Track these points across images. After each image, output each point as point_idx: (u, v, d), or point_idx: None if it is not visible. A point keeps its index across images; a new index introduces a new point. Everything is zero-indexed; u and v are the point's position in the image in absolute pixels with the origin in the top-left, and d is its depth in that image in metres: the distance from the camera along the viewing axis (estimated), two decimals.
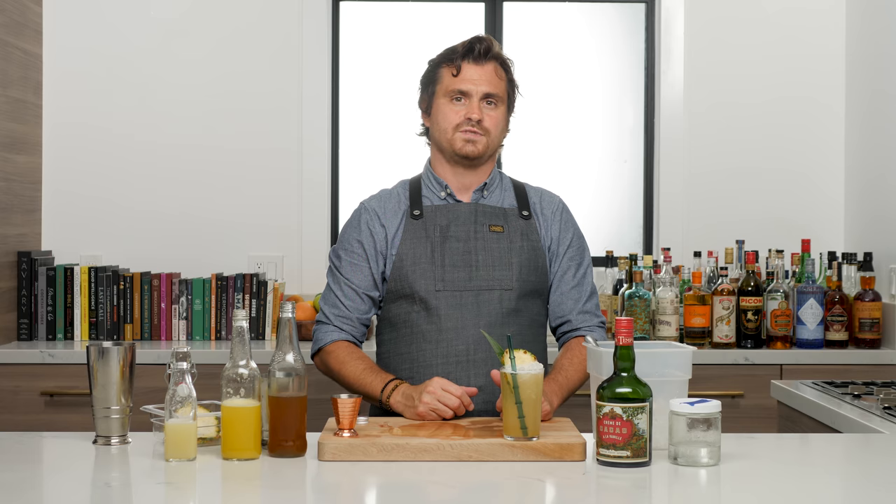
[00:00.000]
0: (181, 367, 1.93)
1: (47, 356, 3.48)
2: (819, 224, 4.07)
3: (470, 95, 2.43)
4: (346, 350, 2.43)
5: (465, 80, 2.43)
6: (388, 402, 2.30)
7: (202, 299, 3.79)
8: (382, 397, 2.31)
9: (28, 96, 3.89)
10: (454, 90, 2.43)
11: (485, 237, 2.44)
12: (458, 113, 2.43)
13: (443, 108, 2.45)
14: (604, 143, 4.26)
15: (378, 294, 2.47)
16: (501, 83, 2.47)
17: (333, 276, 2.49)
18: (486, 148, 2.45)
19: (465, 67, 2.44)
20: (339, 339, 2.45)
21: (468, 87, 2.43)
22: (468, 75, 2.43)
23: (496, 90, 2.44)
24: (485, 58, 2.44)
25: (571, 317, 2.48)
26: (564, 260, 2.50)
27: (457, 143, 2.44)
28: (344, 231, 2.53)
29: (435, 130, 2.49)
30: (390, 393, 2.30)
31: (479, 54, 2.43)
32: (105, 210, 4.05)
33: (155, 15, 4.07)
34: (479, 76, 2.43)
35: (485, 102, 2.44)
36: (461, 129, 2.43)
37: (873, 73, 3.88)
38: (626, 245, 4.17)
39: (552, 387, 2.31)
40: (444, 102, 2.45)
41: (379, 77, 4.19)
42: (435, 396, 2.20)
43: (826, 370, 3.47)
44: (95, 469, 1.93)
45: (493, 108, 2.45)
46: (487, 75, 2.44)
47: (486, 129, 2.44)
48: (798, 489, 1.81)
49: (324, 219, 4.09)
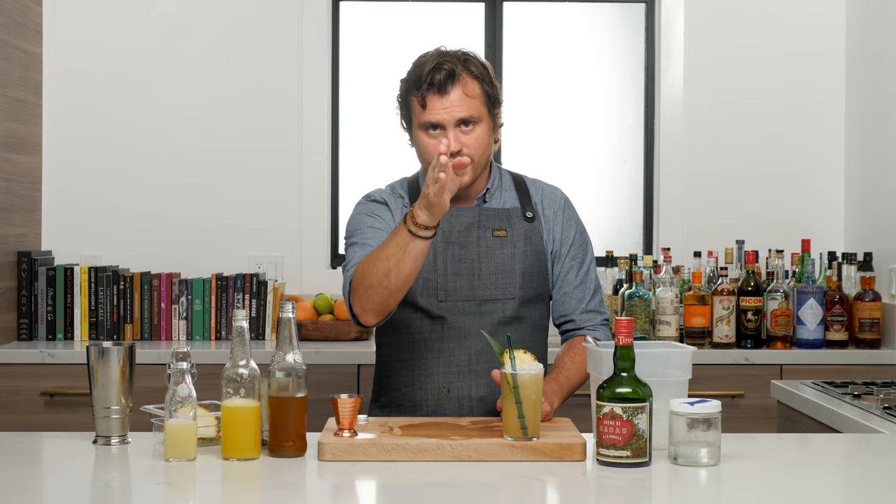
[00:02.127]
0: (181, 367, 1.93)
1: (47, 356, 3.48)
2: (819, 224, 4.07)
3: (444, 124, 2.32)
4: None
5: (434, 112, 2.32)
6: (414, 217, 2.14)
7: (202, 299, 3.79)
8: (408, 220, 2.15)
9: (28, 96, 3.89)
10: (426, 122, 2.33)
11: (488, 243, 2.40)
12: (436, 146, 2.30)
13: (421, 141, 2.36)
14: (604, 143, 4.26)
15: None
16: (474, 101, 2.34)
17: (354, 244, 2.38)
18: (475, 172, 2.36)
19: (430, 99, 2.32)
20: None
21: (439, 117, 2.32)
22: (437, 106, 2.31)
23: (468, 112, 2.32)
24: (450, 84, 2.31)
25: (575, 316, 2.47)
26: (567, 259, 2.47)
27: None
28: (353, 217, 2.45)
29: (420, 160, 2.41)
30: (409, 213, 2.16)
31: (440, 84, 2.31)
32: (105, 210, 4.05)
33: (154, 15, 4.07)
34: (447, 105, 2.31)
35: (461, 127, 2.32)
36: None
37: (873, 72, 3.88)
38: (626, 245, 4.17)
39: (553, 386, 2.30)
40: (421, 135, 2.35)
41: (379, 77, 4.19)
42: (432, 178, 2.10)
43: (826, 370, 3.47)
44: (95, 469, 1.93)
45: (469, 130, 2.33)
46: (455, 101, 2.31)
47: (469, 154, 2.32)
48: (798, 489, 1.81)
49: (324, 219, 4.09)
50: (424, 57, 2.38)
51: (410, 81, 2.37)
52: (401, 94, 2.41)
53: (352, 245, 2.39)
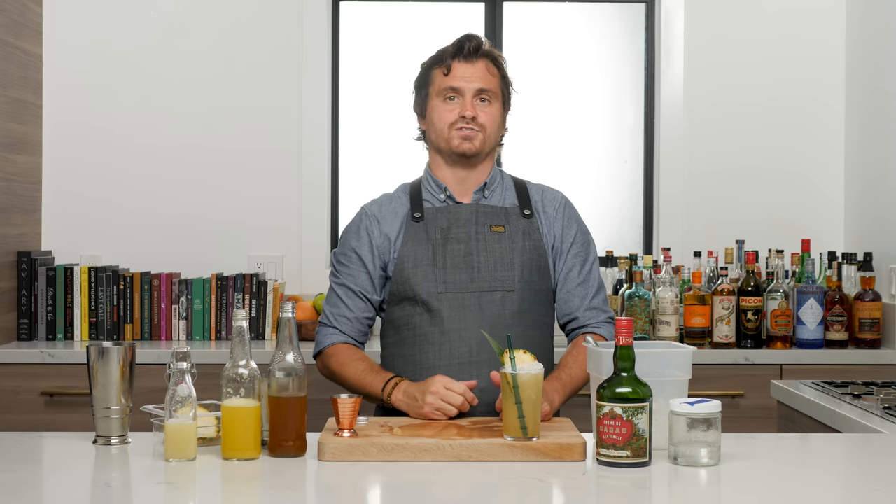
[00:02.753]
0: (181, 367, 1.93)
1: (47, 356, 3.48)
2: (819, 224, 4.07)
3: (462, 93, 2.43)
4: (346, 352, 2.44)
5: (456, 78, 2.43)
6: (389, 400, 2.31)
7: (202, 299, 3.79)
8: (384, 395, 2.32)
9: (28, 96, 3.89)
10: (446, 88, 2.44)
11: (486, 238, 2.44)
12: (452, 111, 2.44)
13: (437, 108, 2.46)
14: (604, 143, 4.26)
15: (378, 297, 2.48)
16: (494, 79, 2.47)
17: (335, 278, 2.52)
18: (483, 144, 2.45)
19: (455, 66, 2.44)
20: (340, 342, 2.46)
21: (460, 84, 2.43)
22: (459, 73, 2.43)
23: (489, 86, 2.44)
24: (475, 55, 2.44)
25: (578, 314, 2.48)
26: (569, 257, 2.49)
27: (453, 140, 2.44)
28: (343, 236, 2.54)
29: (431, 131, 2.49)
30: (391, 391, 2.31)
31: (468, 52, 2.44)
32: (105, 210, 4.05)
33: (154, 15, 4.07)
34: (470, 73, 2.43)
35: (478, 99, 2.44)
36: (456, 126, 2.43)
37: (873, 72, 3.88)
38: (626, 245, 4.17)
39: (554, 385, 2.31)
40: (437, 102, 2.46)
41: (379, 77, 4.19)
42: (439, 396, 2.20)
43: (826, 370, 3.47)
44: (95, 469, 1.93)
45: (487, 104, 2.45)
46: (479, 72, 2.44)
47: (482, 125, 2.43)
48: (798, 489, 1.81)
49: (324, 219, 4.09)
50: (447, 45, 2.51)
51: (435, 57, 2.50)
52: (421, 74, 2.52)
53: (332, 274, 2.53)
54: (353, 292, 2.47)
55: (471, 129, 2.42)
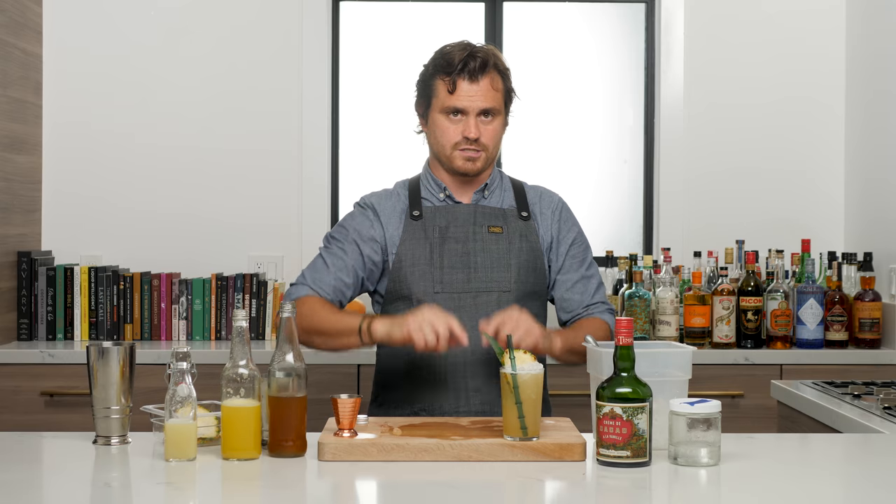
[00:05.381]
0: (181, 367, 1.93)
1: (47, 356, 3.48)
2: (819, 224, 4.07)
3: (466, 112, 2.40)
4: (319, 301, 2.37)
5: (460, 98, 2.39)
6: (369, 329, 2.24)
7: (202, 299, 3.79)
8: (363, 325, 2.25)
9: (28, 96, 3.89)
10: (450, 107, 2.41)
11: (484, 238, 2.44)
12: (455, 130, 2.41)
13: (440, 123, 2.43)
14: (604, 144, 4.26)
15: (364, 279, 2.44)
16: (498, 94, 2.43)
17: (325, 248, 2.47)
18: (485, 163, 2.45)
19: (460, 84, 2.39)
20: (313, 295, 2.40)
21: (464, 104, 2.39)
22: (464, 92, 2.39)
23: (492, 104, 2.41)
24: (481, 73, 2.39)
25: (580, 310, 2.49)
26: (567, 258, 2.50)
27: (456, 161, 2.43)
28: (340, 221, 2.52)
29: (433, 143, 2.48)
30: (371, 321, 2.25)
31: (474, 70, 2.39)
32: (105, 210, 4.05)
33: (155, 15, 4.07)
34: (475, 92, 2.39)
35: (482, 117, 2.41)
36: (459, 147, 2.41)
37: (873, 73, 3.88)
38: (626, 245, 4.17)
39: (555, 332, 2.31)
40: (440, 118, 2.42)
41: (379, 77, 4.19)
42: (424, 317, 2.16)
43: (826, 370, 3.47)
44: (95, 469, 1.93)
45: (489, 121, 2.42)
46: (483, 91, 2.39)
47: (485, 144, 2.41)
48: (798, 489, 1.81)
49: (324, 218, 4.09)
50: (452, 46, 2.45)
51: (440, 65, 2.43)
52: (423, 78, 2.47)
53: (321, 249, 2.47)
54: (342, 262, 2.42)
55: (474, 150, 2.41)
